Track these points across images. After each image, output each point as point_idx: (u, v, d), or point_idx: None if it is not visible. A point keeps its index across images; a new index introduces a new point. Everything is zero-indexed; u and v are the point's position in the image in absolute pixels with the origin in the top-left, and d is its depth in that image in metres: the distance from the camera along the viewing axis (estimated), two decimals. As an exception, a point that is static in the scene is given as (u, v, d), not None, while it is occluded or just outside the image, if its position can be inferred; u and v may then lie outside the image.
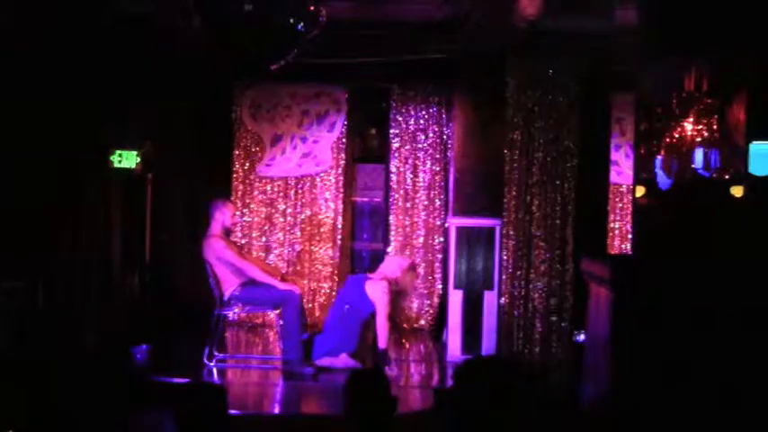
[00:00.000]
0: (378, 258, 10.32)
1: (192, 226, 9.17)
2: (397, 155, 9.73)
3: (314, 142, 9.76)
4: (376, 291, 7.56)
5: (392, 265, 7.85)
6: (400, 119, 9.72)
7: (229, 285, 7.63)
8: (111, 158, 8.28)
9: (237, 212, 9.27)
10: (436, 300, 9.69)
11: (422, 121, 9.70)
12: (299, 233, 9.77)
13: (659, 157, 5.62)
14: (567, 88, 8.01)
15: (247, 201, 9.75)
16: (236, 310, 7.72)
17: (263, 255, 9.67)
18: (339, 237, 9.81)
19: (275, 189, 9.77)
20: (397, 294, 7.80)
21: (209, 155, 9.48)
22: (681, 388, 4.73)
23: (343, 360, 7.49)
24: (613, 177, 8.89)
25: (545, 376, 7.50)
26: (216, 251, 7.59)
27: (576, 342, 7.61)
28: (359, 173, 10.34)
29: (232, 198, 9.46)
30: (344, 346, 7.51)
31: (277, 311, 7.70)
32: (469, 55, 8.10)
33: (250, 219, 9.75)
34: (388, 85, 9.67)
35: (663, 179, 5.64)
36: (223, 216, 7.68)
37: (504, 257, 8.04)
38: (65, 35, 7.51)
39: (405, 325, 9.71)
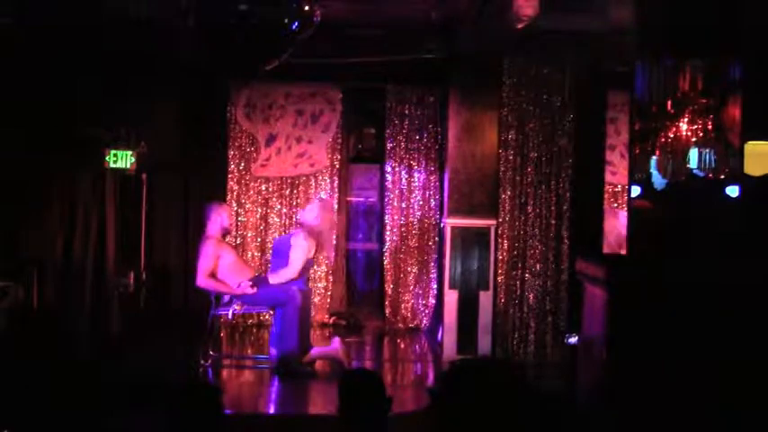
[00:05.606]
0: (374, 259, 10.35)
1: (186, 226, 9.17)
2: (392, 155, 9.71)
3: (309, 142, 9.75)
4: (296, 241, 7.54)
5: (307, 214, 7.73)
6: (395, 119, 9.70)
7: (226, 285, 7.62)
8: (107, 158, 8.26)
9: (233, 212, 9.27)
10: (432, 300, 9.69)
11: (417, 121, 9.69)
12: (294, 233, 9.75)
13: (654, 157, 5.61)
14: (562, 88, 8.04)
15: (243, 201, 9.72)
16: (237, 307, 7.72)
17: (259, 254, 9.65)
18: (334, 236, 9.79)
19: (270, 189, 9.75)
20: (319, 235, 7.71)
21: (204, 155, 9.46)
22: (676, 388, 4.74)
23: (335, 344, 7.51)
24: (608, 177, 8.91)
25: (539, 376, 7.50)
26: (211, 256, 7.61)
27: (567, 344, 7.61)
28: (354, 173, 10.34)
29: (228, 198, 9.45)
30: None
31: (273, 311, 7.68)
32: (464, 55, 8.11)
33: (245, 218, 9.72)
34: (382, 85, 9.66)
35: (658, 179, 5.64)
36: (220, 218, 7.70)
37: (500, 257, 8.06)
38: (61, 35, 7.51)
39: (401, 324, 9.71)
